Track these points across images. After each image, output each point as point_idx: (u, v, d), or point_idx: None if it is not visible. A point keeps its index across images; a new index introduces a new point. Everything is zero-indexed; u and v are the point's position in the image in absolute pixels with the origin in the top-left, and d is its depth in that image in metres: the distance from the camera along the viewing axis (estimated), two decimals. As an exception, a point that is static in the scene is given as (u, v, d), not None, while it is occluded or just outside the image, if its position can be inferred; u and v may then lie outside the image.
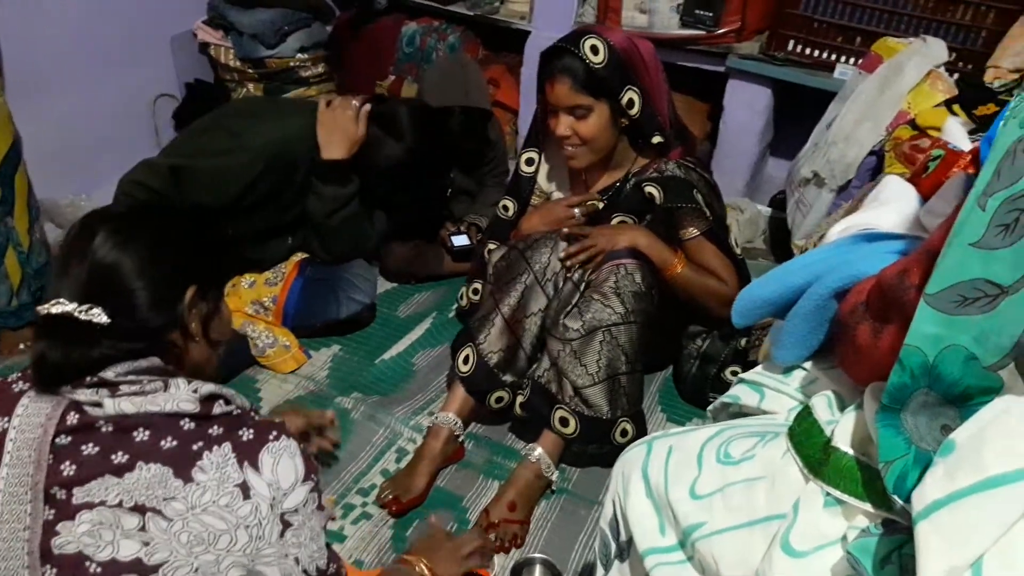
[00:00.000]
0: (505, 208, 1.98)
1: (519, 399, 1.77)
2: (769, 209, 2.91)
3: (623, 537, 1.11)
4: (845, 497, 0.82)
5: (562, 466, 1.80)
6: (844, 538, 0.81)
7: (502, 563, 1.60)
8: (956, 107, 2.01)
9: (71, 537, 0.89)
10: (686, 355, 2.01)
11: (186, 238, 1.09)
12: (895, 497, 0.75)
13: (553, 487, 1.76)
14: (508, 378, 1.78)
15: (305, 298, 2.11)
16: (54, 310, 0.95)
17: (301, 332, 2.14)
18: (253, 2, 2.84)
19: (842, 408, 0.96)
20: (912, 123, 2.07)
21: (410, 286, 2.46)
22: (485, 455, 1.87)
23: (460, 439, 1.81)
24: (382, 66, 3.03)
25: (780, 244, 2.71)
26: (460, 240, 2.42)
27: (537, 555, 1.55)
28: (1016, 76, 2.17)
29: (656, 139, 1.79)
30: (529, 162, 1.94)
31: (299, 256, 2.19)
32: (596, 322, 1.66)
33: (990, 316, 0.69)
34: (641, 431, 1.73)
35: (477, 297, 2.00)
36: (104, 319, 0.95)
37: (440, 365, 2.15)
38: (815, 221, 2.34)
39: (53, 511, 0.90)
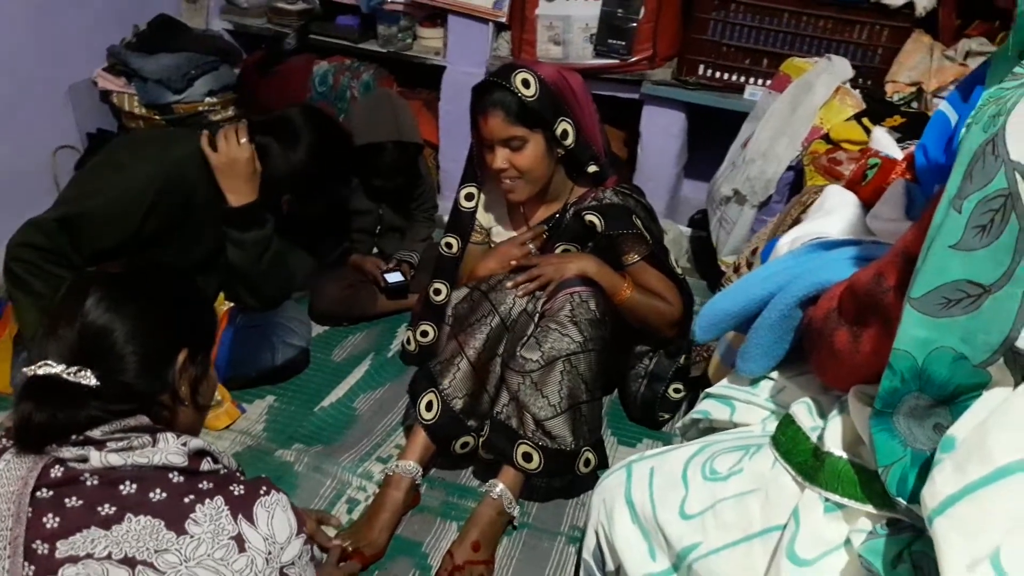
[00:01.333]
0: (448, 245, 1.95)
1: (481, 439, 1.74)
2: (689, 229, 2.98)
3: (609, 567, 1.09)
4: (845, 501, 0.83)
5: (520, 500, 1.77)
6: (848, 542, 0.82)
7: (471, 606, 1.55)
8: (865, 120, 2.11)
9: None
10: (633, 375, 2.02)
11: (178, 301, 1.07)
12: (899, 499, 0.76)
13: (515, 523, 1.73)
14: (472, 423, 1.74)
15: (237, 348, 2.02)
16: (40, 371, 0.92)
17: (234, 384, 2.04)
18: (156, 48, 2.76)
19: (822, 414, 0.97)
20: (826, 137, 2.17)
21: (343, 328, 2.39)
22: (441, 496, 1.82)
23: (419, 486, 1.76)
24: (295, 107, 2.96)
25: (703, 262, 2.78)
26: (394, 277, 2.38)
27: (509, 594, 1.51)
28: (913, 88, 2.31)
29: (592, 168, 1.81)
30: (468, 197, 1.92)
31: (226, 305, 2.09)
32: (555, 352, 1.65)
33: (975, 316, 0.72)
34: (602, 459, 1.72)
35: (427, 339, 1.95)
36: (93, 381, 0.93)
37: (383, 408, 2.09)
38: (740, 237, 2.41)
39: (33, 567, 0.87)
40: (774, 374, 1.15)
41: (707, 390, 1.23)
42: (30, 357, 0.97)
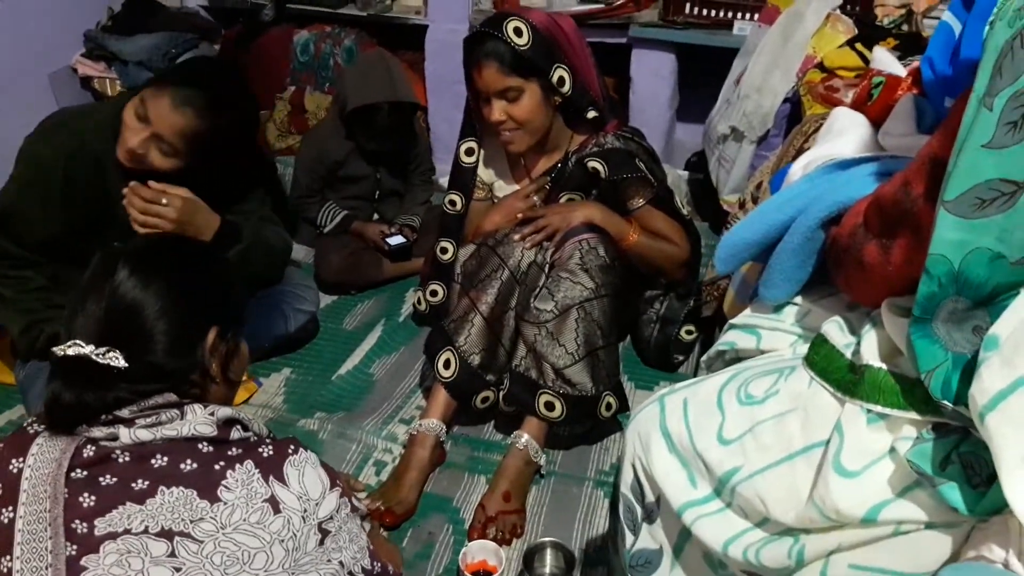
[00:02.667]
0: (452, 203, 1.94)
1: (501, 393, 1.75)
2: (686, 172, 2.97)
3: (649, 498, 1.10)
4: (887, 410, 0.84)
5: (545, 449, 1.79)
6: (893, 450, 0.83)
7: (507, 555, 1.58)
8: (859, 45, 2.10)
9: (99, 570, 0.86)
10: (645, 320, 2.03)
11: (209, 276, 1.06)
12: (944, 402, 0.77)
13: (542, 472, 1.75)
14: (491, 377, 1.75)
15: (249, 320, 2.01)
16: (70, 351, 0.92)
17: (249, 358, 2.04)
18: (133, 29, 2.71)
19: (853, 331, 0.98)
20: (820, 66, 2.16)
21: (350, 296, 2.39)
22: (466, 452, 1.84)
23: (444, 443, 1.77)
24: (278, 78, 2.93)
25: (703, 204, 2.77)
26: (396, 240, 2.37)
27: (546, 539, 1.53)
28: (903, 11, 2.29)
29: (591, 114, 1.79)
30: (469, 152, 1.91)
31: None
32: (569, 300, 1.65)
33: (1011, 213, 0.72)
34: (623, 402, 1.74)
35: (436, 299, 1.95)
36: (121, 363, 0.92)
37: (400, 371, 2.10)
38: (740, 174, 2.40)
39: (75, 547, 0.88)
40: (798, 299, 1.15)
41: (731, 321, 1.24)
42: (61, 334, 0.97)
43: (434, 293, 1.98)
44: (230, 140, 1.67)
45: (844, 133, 1.25)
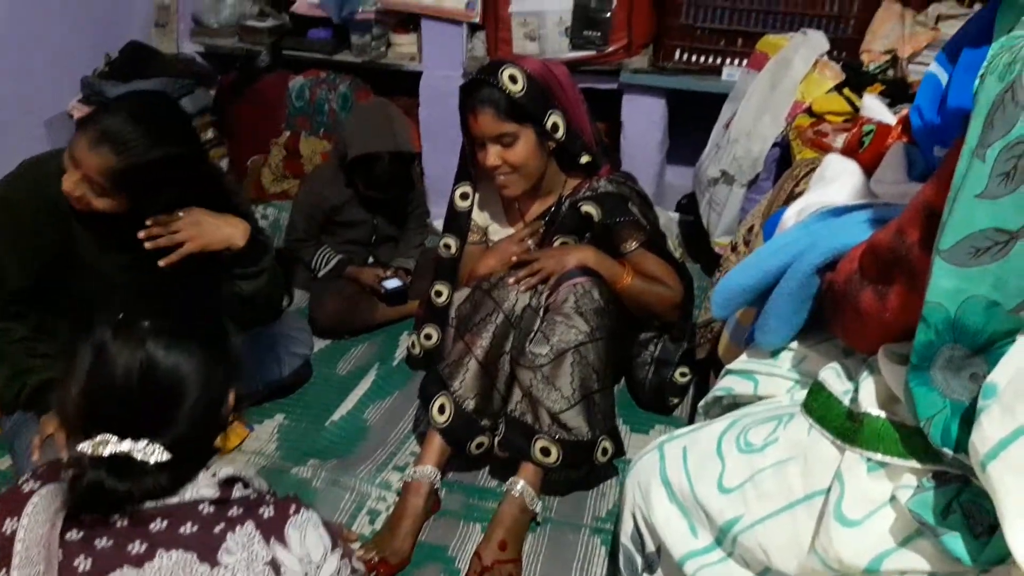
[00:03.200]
0: (447, 247, 1.95)
1: (496, 439, 1.73)
2: (677, 214, 3.00)
3: (650, 548, 1.10)
4: (888, 459, 0.84)
5: (540, 496, 1.77)
6: (894, 499, 0.82)
7: (504, 605, 1.55)
8: (846, 91, 2.14)
9: None
10: (640, 362, 2.03)
11: (222, 335, 1.03)
12: (944, 450, 0.77)
13: (538, 519, 1.73)
14: (486, 422, 1.74)
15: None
16: (105, 452, 0.88)
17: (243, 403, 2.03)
18: (130, 75, 2.73)
19: (850, 377, 0.98)
20: (809, 111, 2.19)
21: (345, 341, 2.38)
22: (461, 499, 1.81)
23: (439, 491, 1.76)
24: (274, 123, 2.95)
25: (694, 245, 2.79)
26: (392, 284, 2.38)
27: (543, 588, 1.51)
28: (888, 56, 2.34)
29: (584, 158, 1.82)
30: (464, 196, 1.93)
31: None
32: (564, 344, 1.65)
33: (1004, 262, 0.73)
34: (619, 446, 1.73)
35: (430, 342, 1.95)
36: (164, 456, 0.90)
37: (394, 417, 2.08)
38: (731, 217, 2.42)
39: None
40: (794, 344, 1.16)
41: (727, 366, 1.24)
42: (78, 430, 0.92)
43: (428, 336, 1.98)
44: (169, 174, 1.58)
45: (836, 180, 1.27)
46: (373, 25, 2.80)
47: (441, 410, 1.72)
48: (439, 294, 1.95)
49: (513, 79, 1.71)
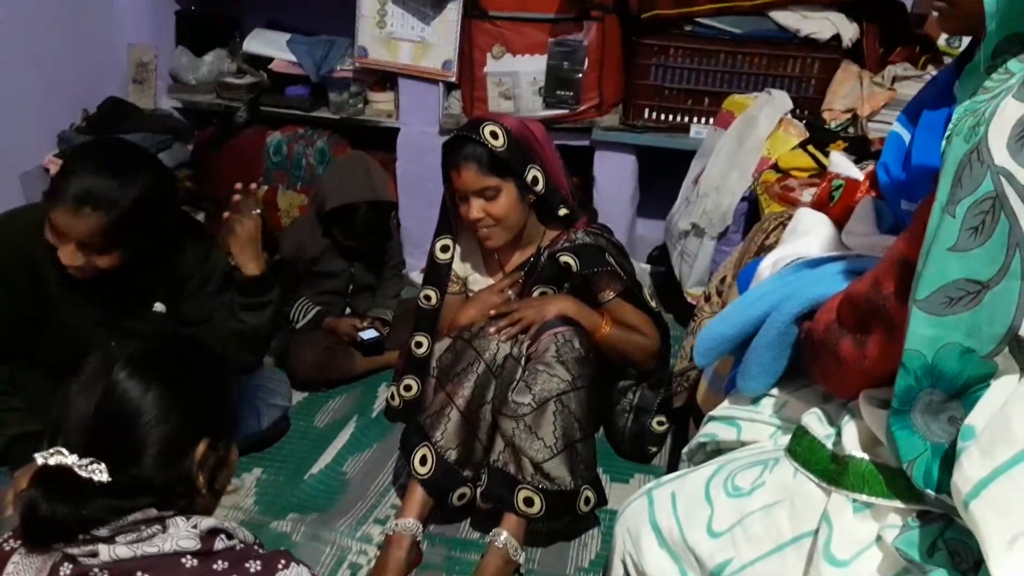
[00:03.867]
0: (427, 298, 1.98)
1: (479, 490, 1.74)
2: (649, 266, 3.06)
3: (640, 595, 1.11)
4: (873, 499, 0.87)
5: (523, 547, 1.77)
6: (879, 538, 0.86)
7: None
8: (810, 147, 2.23)
9: None
10: (619, 410, 2.05)
11: (208, 382, 1.02)
12: (927, 491, 0.81)
13: (521, 570, 1.73)
14: (468, 473, 1.75)
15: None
16: (52, 461, 0.88)
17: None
18: (108, 130, 2.74)
19: (831, 422, 1.02)
20: (775, 167, 2.28)
21: (322, 393, 2.38)
22: (443, 552, 1.81)
23: (421, 543, 1.75)
24: (251, 178, 2.95)
25: (667, 296, 2.84)
26: (369, 334, 2.39)
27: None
28: (849, 115, 2.45)
29: (562, 211, 1.87)
30: (444, 249, 1.96)
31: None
32: (546, 393, 1.67)
33: (977, 310, 0.77)
34: (601, 496, 1.74)
35: (410, 393, 1.96)
36: (104, 477, 0.88)
37: (374, 469, 2.07)
38: (703, 268, 2.49)
39: None
40: (774, 391, 1.20)
41: (710, 413, 1.27)
42: (44, 439, 0.93)
43: (408, 388, 1.99)
44: (154, 206, 1.60)
45: (809, 233, 1.33)
46: (351, 83, 2.86)
47: (423, 461, 1.73)
48: (419, 345, 1.97)
49: (494, 135, 1.77)
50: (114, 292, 1.69)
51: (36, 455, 0.92)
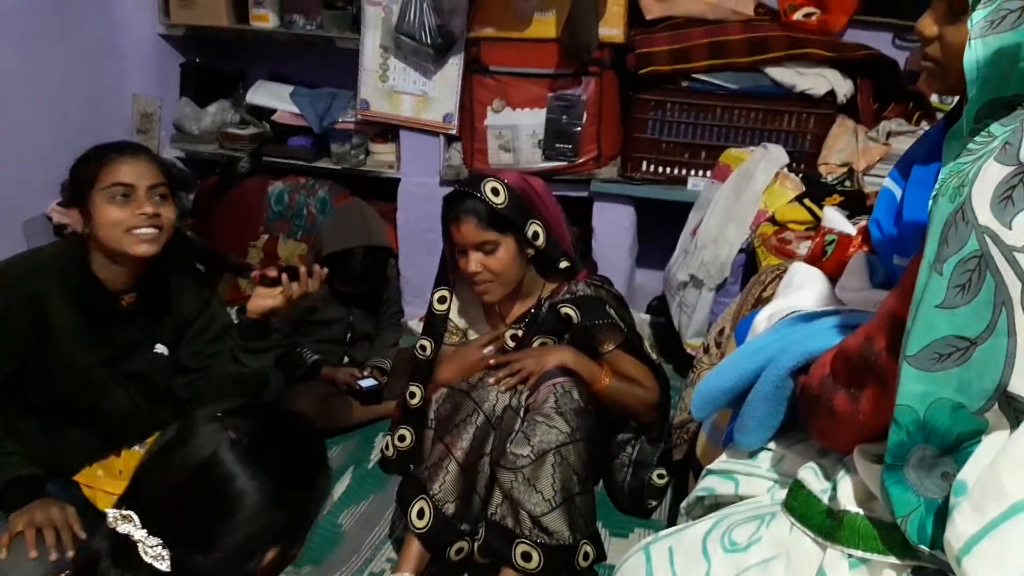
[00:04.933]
0: (423, 348, 1.98)
1: (476, 543, 1.72)
2: (648, 316, 3.07)
3: (637, 653, 1.09)
4: (868, 555, 0.87)
5: (520, 601, 1.75)
6: (875, 596, 0.85)
7: None
8: (807, 201, 2.26)
9: None
10: (618, 464, 2.04)
11: (308, 478, 0.93)
12: (921, 547, 0.80)
13: (518, 625, 1.70)
14: (465, 527, 1.73)
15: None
16: (121, 528, 0.84)
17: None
18: (111, 179, 2.78)
19: (827, 476, 1.02)
20: (772, 219, 2.30)
21: (318, 443, 2.36)
22: (439, 607, 1.79)
23: None
24: (252, 227, 3.01)
25: (665, 346, 2.85)
26: (368, 383, 2.39)
27: None
28: (844, 169, 2.49)
29: (563, 264, 1.89)
30: (441, 300, 1.97)
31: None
32: (545, 445, 1.67)
33: (966, 367, 0.78)
34: (600, 551, 1.72)
35: (404, 444, 1.95)
36: (165, 567, 0.83)
37: (369, 521, 2.06)
38: (702, 319, 2.50)
39: None
40: (771, 444, 1.19)
41: (708, 467, 1.26)
42: (130, 483, 0.89)
43: (402, 438, 1.98)
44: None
45: (803, 287, 1.34)
46: (353, 135, 2.91)
47: (420, 514, 1.71)
48: (413, 395, 1.97)
49: (495, 191, 1.79)
50: (118, 332, 1.71)
51: (109, 511, 0.87)
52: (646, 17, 2.67)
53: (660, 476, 2.05)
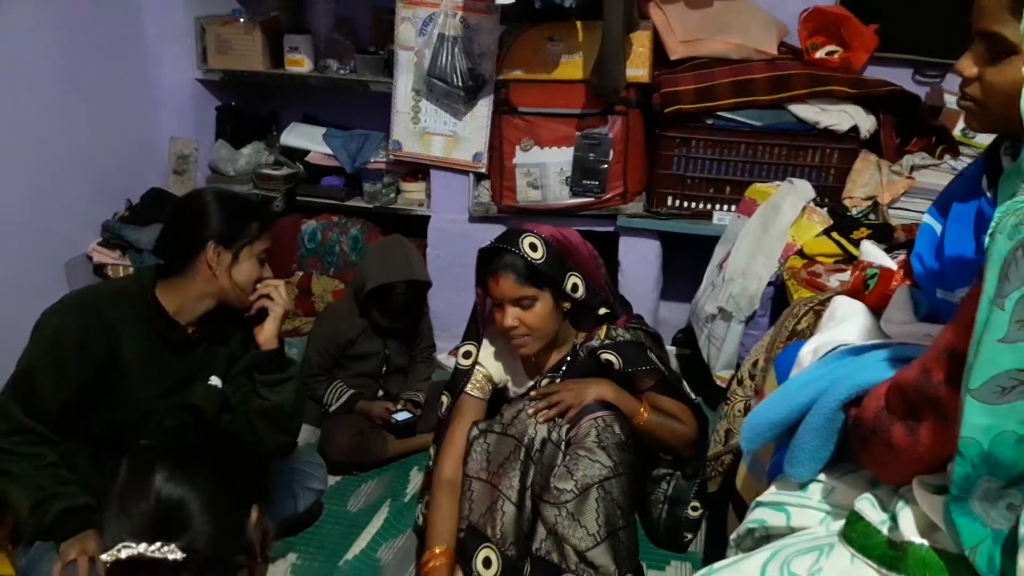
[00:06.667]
0: (441, 404, 2.00)
1: None
2: (674, 348, 3.09)
3: None
4: (936, 586, 0.89)
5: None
6: (943, 626, 0.87)
7: None
8: (835, 234, 2.29)
9: None
10: (654, 500, 2.05)
11: (239, 460, 1.11)
12: (990, 576, 0.83)
13: (564, 659, 1.70)
14: (527, 567, 1.74)
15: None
16: (123, 554, 0.93)
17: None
18: (148, 219, 2.85)
19: (883, 507, 1.04)
20: (800, 252, 2.33)
21: (354, 476, 2.39)
22: (483, 641, 1.79)
23: None
24: (286, 264, 3.07)
25: (691, 378, 2.86)
26: (403, 416, 2.42)
27: None
28: (869, 202, 2.52)
29: (603, 311, 1.90)
30: (466, 355, 1.98)
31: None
32: (588, 479, 1.68)
33: None
34: (643, 583, 1.73)
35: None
36: (179, 555, 0.94)
37: (408, 555, 2.07)
38: (731, 352, 2.52)
39: None
40: (822, 476, 1.21)
41: (758, 499, 1.28)
42: (104, 541, 0.98)
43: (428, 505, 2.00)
44: None
45: (847, 320, 1.37)
46: (384, 174, 2.97)
47: (487, 563, 1.72)
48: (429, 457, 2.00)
49: (533, 247, 1.79)
50: (179, 363, 1.76)
51: (103, 556, 0.96)
52: (671, 58, 2.73)
53: (694, 509, 2.06)
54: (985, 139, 2.57)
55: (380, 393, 2.58)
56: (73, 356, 1.65)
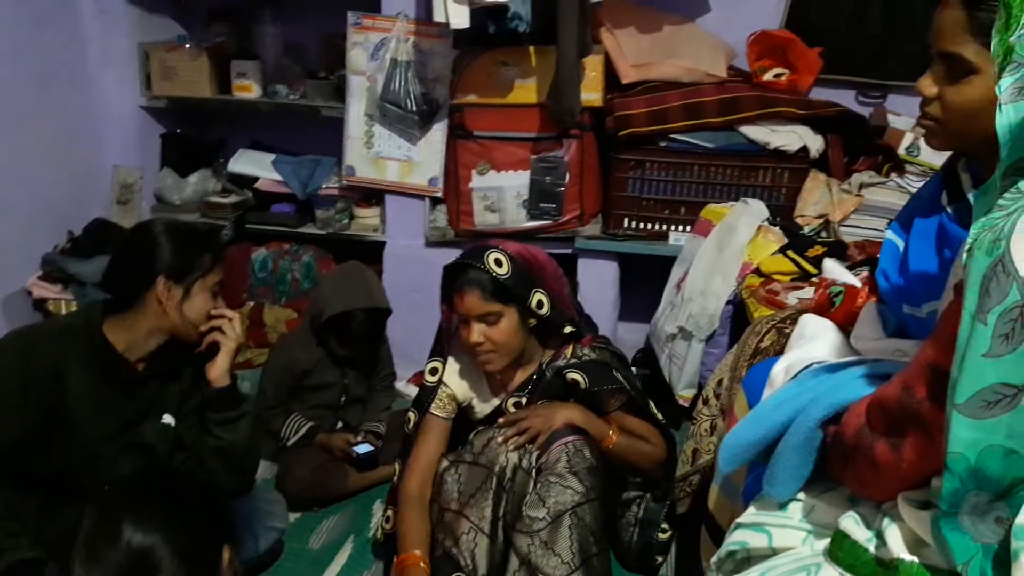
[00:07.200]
0: (408, 420, 1.97)
1: None
2: (634, 368, 3.09)
3: None
4: (928, 602, 0.88)
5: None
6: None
7: None
8: (790, 252, 2.33)
9: None
10: (624, 523, 2.03)
11: (203, 502, 1.12)
12: (984, 592, 0.82)
13: None
14: None
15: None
16: None
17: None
18: (92, 251, 2.75)
19: (868, 524, 1.04)
20: (757, 271, 2.36)
21: (314, 513, 2.32)
22: (455, 677, 1.74)
23: None
24: (236, 294, 2.98)
25: (652, 398, 2.85)
26: (364, 448, 2.36)
27: None
28: (821, 220, 2.57)
29: (568, 329, 1.89)
30: (433, 372, 1.95)
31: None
32: (560, 506, 1.66)
33: (1015, 413, 0.81)
34: (617, 609, 1.71)
35: (389, 526, 1.94)
36: None
37: (374, 592, 2.01)
38: (692, 371, 2.53)
39: None
40: (801, 495, 1.21)
41: (737, 520, 1.27)
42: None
43: (388, 519, 1.96)
44: None
45: (816, 338, 1.38)
46: (337, 200, 2.93)
47: None
48: (394, 473, 1.96)
49: (498, 263, 1.78)
50: (129, 402, 1.69)
51: None
52: (623, 81, 2.76)
53: (663, 530, 2.05)
54: (930, 156, 2.67)
55: (339, 425, 2.51)
56: (15, 401, 1.56)
